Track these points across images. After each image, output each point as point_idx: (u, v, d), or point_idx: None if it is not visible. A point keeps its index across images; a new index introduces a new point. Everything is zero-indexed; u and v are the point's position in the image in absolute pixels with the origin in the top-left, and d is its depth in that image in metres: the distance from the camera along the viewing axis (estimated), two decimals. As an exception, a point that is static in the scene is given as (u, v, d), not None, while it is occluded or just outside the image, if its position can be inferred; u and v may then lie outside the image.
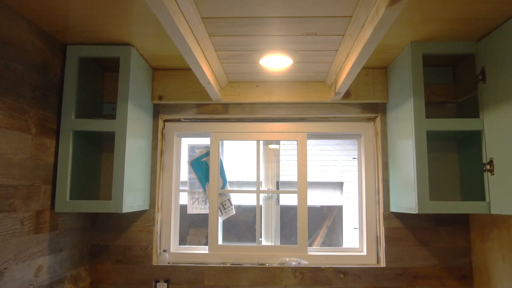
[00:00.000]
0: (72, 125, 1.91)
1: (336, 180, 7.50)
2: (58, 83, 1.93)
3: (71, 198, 1.92)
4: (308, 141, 2.42)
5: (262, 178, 2.51)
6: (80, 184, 2.04)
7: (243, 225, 6.67)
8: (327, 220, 7.63)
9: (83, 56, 1.96)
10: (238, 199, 6.62)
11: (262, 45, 1.77)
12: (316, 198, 7.38)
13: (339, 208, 7.50)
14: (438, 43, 1.90)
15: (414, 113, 1.87)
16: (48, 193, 1.85)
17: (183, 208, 2.53)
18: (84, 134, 2.05)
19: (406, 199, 1.96)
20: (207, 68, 1.86)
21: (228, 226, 6.59)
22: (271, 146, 2.52)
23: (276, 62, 1.94)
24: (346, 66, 1.82)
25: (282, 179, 2.55)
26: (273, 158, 2.52)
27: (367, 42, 1.46)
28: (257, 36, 1.69)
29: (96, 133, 2.09)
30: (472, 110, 2.09)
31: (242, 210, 6.81)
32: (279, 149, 2.54)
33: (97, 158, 2.28)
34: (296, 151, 2.38)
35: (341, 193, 7.67)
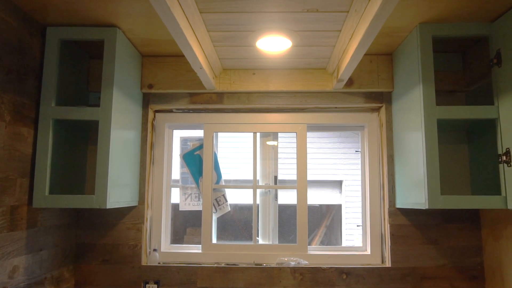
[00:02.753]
0: (52, 113, 1.76)
1: (335, 178, 7.36)
2: (37, 68, 1.77)
3: (51, 193, 1.77)
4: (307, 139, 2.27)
5: (259, 176, 2.36)
6: (63, 178, 1.89)
7: (240, 223, 6.51)
8: (326, 220, 7.49)
9: (64, 39, 1.81)
10: (235, 198, 6.48)
11: (258, 24, 1.62)
12: (315, 197, 7.24)
13: (338, 207, 7.36)
14: (449, 24, 1.75)
15: (423, 100, 1.72)
16: (25, 187, 1.69)
17: (177, 206, 2.38)
18: (67, 124, 1.90)
19: (415, 194, 1.81)
20: (199, 51, 1.71)
21: (224, 225, 6.43)
22: (269, 143, 2.38)
23: (273, 44, 1.79)
24: (350, 48, 1.67)
25: (280, 177, 2.41)
26: (271, 155, 2.37)
27: (375, 17, 1.31)
28: (253, 13, 1.54)
29: (81, 124, 1.94)
30: (483, 99, 1.95)
31: (239, 209, 6.66)
32: (277, 146, 2.39)
33: (82, 151, 2.12)
34: (295, 148, 2.23)
35: (340, 192, 7.54)
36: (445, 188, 2.09)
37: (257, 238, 2.28)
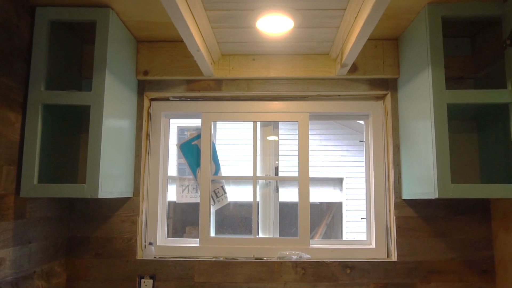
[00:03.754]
0: (42, 97, 1.67)
1: (336, 176, 7.27)
2: (26, 50, 1.68)
3: (41, 182, 1.67)
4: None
5: (259, 170, 2.26)
6: (53, 168, 1.79)
7: (239, 221, 6.42)
8: (326, 217, 7.40)
9: (54, 20, 1.72)
10: (234, 196, 6.37)
11: (258, 1, 1.53)
12: (315, 195, 7.15)
13: (339, 205, 7.27)
14: (459, 4, 1.66)
15: (432, 84, 1.63)
16: (12, 175, 1.60)
17: (174, 203, 2.29)
18: (59, 111, 1.81)
19: (423, 184, 1.72)
20: (196, 31, 1.62)
21: (222, 223, 6.34)
22: (269, 138, 2.28)
23: (274, 25, 1.70)
24: (355, 28, 1.59)
25: (280, 175, 2.30)
26: (272, 147, 2.27)
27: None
28: (253, -10, 1.45)
29: (74, 111, 1.85)
30: (493, 85, 1.86)
31: (239, 207, 6.56)
32: (278, 141, 2.29)
33: (75, 141, 2.03)
34: (296, 146, 2.14)
35: (341, 190, 7.45)
36: (454, 178, 2.00)
37: (257, 236, 2.19)
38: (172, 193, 2.27)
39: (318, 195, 7.17)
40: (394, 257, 1.99)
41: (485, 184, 1.58)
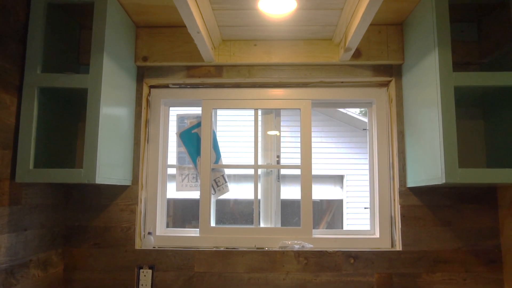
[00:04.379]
0: (38, 80, 1.62)
1: (336, 173, 7.23)
2: (22, 31, 1.64)
3: (37, 167, 1.63)
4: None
5: (260, 163, 2.21)
6: (51, 154, 1.75)
7: (240, 219, 6.37)
8: (326, 215, 7.36)
9: (51, 1, 1.67)
10: (235, 194, 6.33)
11: (261, -20, 1.49)
12: (315, 192, 7.10)
13: (340, 202, 7.23)
14: (467, -15, 1.63)
15: (439, 66, 1.59)
16: (8, 159, 1.56)
17: (173, 201, 2.23)
18: (56, 96, 1.77)
19: (429, 169, 1.68)
20: (196, 11, 1.58)
21: (223, 220, 6.29)
22: (270, 133, 2.24)
23: (277, 6, 1.66)
24: (360, 9, 1.54)
25: (281, 173, 2.25)
26: (273, 146, 2.22)
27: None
28: (255, -34, 1.41)
29: (72, 98, 1.82)
30: (499, 71, 1.81)
31: (239, 204, 6.51)
32: (279, 135, 2.24)
33: (73, 128, 1.99)
34: (298, 144, 2.10)
35: (341, 187, 7.41)
36: (460, 165, 1.96)
37: (258, 226, 2.14)
38: (172, 191, 2.22)
39: (319, 192, 7.13)
40: (398, 247, 1.95)
41: (493, 169, 1.54)
